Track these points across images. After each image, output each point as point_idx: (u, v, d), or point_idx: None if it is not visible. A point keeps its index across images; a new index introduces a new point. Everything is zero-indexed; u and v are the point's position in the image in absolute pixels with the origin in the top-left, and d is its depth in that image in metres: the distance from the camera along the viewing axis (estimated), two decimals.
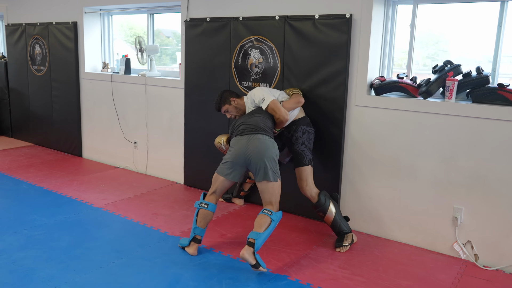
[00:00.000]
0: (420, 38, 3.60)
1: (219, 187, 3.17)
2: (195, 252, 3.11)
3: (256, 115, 3.28)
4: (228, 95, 3.48)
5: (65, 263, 2.95)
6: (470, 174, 3.15)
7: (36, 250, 3.13)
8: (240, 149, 3.09)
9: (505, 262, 3.07)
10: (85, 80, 5.54)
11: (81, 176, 4.94)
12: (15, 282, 2.71)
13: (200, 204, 3.13)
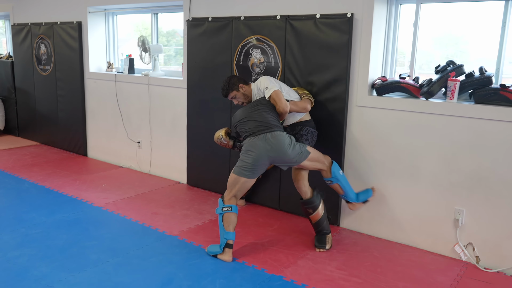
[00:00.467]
0: (440, 39, 3.54)
1: (240, 190, 3.12)
2: (231, 258, 3.04)
3: (262, 109, 3.20)
4: (236, 81, 3.40)
5: (59, 261, 2.96)
6: (471, 175, 3.09)
7: (32, 248, 3.14)
8: (261, 152, 3.05)
9: (507, 264, 3.01)
10: (90, 80, 5.57)
11: (84, 175, 4.96)
12: (7, 280, 2.72)
13: (223, 209, 3.06)
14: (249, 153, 3.08)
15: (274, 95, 3.20)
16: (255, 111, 3.21)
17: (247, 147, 3.11)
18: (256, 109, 3.22)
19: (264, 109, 3.21)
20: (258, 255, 3.13)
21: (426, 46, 3.58)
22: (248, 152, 3.09)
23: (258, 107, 3.24)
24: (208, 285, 2.72)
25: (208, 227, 3.60)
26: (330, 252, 3.24)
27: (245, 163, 3.08)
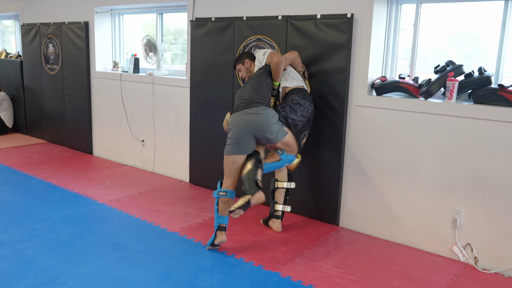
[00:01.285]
0: (456, 37, 3.55)
1: (231, 168, 3.15)
2: (225, 238, 3.13)
3: (251, 84, 3.30)
4: (245, 56, 3.56)
5: (64, 254, 3.03)
6: (470, 175, 3.10)
7: (38, 242, 3.22)
8: (241, 126, 3.13)
9: (505, 265, 3.02)
10: (96, 79, 5.65)
11: (89, 173, 5.04)
12: (15, 270, 2.80)
13: (218, 193, 3.11)
14: (230, 129, 3.21)
15: (271, 53, 3.35)
16: (245, 89, 3.32)
17: (230, 123, 3.24)
18: (246, 86, 3.34)
19: (253, 84, 3.29)
20: (256, 252, 3.17)
21: (442, 44, 3.56)
22: (230, 129, 3.22)
23: (249, 82, 3.35)
24: (205, 280, 2.76)
25: (208, 224, 3.65)
26: (327, 250, 3.27)
27: (228, 139, 3.20)
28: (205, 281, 2.75)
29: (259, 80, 3.32)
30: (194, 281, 2.74)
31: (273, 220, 3.57)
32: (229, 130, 3.24)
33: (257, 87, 3.29)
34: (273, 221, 3.57)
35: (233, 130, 3.18)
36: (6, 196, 4.16)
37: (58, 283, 2.67)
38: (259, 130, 3.14)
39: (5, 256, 2.98)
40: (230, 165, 3.15)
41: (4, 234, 3.33)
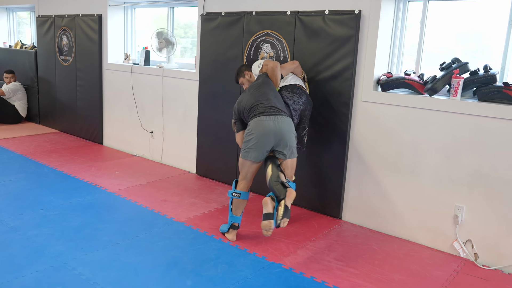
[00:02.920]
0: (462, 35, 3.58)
1: (248, 172, 3.19)
2: (235, 237, 3.25)
3: (268, 92, 3.26)
4: (244, 69, 3.66)
5: (74, 241, 3.13)
6: (472, 172, 3.14)
7: (49, 228, 3.32)
8: (268, 131, 3.07)
9: (504, 262, 3.05)
10: (108, 71, 5.75)
11: (99, 162, 5.15)
12: (27, 256, 2.90)
13: (233, 194, 3.20)
14: (253, 133, 3.12)
15: (265, 61, 3.49)
16: (264, 96, 3.23)
17: (252, 127, 3.15)
18: (264, 93, 3.25)
19: (271, 93, 3.28)
20: (260, 243, 3.25)
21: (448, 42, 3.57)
22: (253, 133, 3.13)
23: (265, 91, 3.27)
24: (210, 269, 2.85)
25: (214, 215, 3.73)
26: (330, 243, 3.33)
27: (249, 142, 3.14)
28: (210, 270, 2.83)
29: (273, 87, 3.36)
30: (199, 270, 2.82)
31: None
32: (251, 133, 3.13)
33: (277, 95, 3.32)
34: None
35: (258, 136, 3.09)
36: (19, 184, 4.28)
37: (67, 269, 2.77)
38: (282, 141, 3.12)
39: (17, 242, 3.09)
40: (248, 168, 3.19)
41: (17, 220, 3.44)
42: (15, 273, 2.67)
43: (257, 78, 3.47)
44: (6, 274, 2.66)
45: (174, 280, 2.70)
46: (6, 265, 2.77)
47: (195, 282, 2.69)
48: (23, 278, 2.63)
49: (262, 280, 2.75)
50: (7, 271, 2.70)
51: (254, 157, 3.14)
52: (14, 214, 3.55)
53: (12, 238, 3.15)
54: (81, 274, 2.71)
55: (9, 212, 3.58)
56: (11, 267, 2.74)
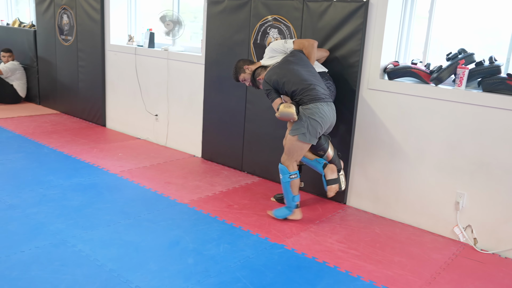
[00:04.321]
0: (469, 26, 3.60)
1: (301, 154, 3.31)
2: (301, 215, 3.41)
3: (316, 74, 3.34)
4: (241, 64, 3.60)
5: (74, 220, 3.15)
6: (474, 160, 3.18)
7: (49, 207, 3.34)
8: (328, 119, 3.23)
9: (502, 246, 3.12)
10: (110, 52, 5.72)
11: (102, 144, 5.15)
12: (25, 232, 2.93)
13: (290, 177, 3.27)
14: (318, 119, 3.17)
15: (297, 40, 3.45)
16: (313, 76, 3.28)
17: (313, 112, 3.16)
18: (312, 73, 3.31)
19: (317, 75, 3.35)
20: (263, 225, 3.29)
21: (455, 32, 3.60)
22: (316, 118, 3.17)
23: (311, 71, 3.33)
24: (212, 249, 2.88)
25: (218, 197, 3.76)
26: (333, 226, 3.37)
27: (313, 128, 3.18)
28: (212, 250, 2.86)
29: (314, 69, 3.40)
30: (200, 249, 2.86)
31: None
32: (314, 118, 3.16)
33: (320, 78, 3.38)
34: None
35: (323, 120, 3.19)
36: (18, 163, 4.28)
37: (67, 246, 2.79)
38: (331, 127, 3.35)
39: (16, 219, 3.10)
40: (302, 151, 3.28)
41: (15, 198, 3.44)
42: (13, 249, 2.70)
43: (295, 54, 3.39)
44: (4, 249, 2.69)
45: (175, 258, 2.74)
46: (4, 240, 2.80)
47: (196, 260, 2.73)
48: (21, 253, 2.66)
49: (264, 259, 2.80)
50: (5, 246, 2.72)
51: (313, 141, 3.25)
52: (12, 192, 3.56)
53: (10, 215, 3.16)
54: (81, 251, 2.74)
55: (7, 190, 3.59)
56: (9, 243, 2.77)
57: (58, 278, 2.41)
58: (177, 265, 2.65)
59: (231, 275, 2.58)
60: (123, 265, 2.59)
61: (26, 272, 2.45)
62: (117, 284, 2.40)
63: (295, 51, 3.43)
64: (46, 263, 2.57)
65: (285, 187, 3.31)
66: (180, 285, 2.44)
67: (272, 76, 3.31)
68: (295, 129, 3.22)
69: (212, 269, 2.62)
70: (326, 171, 3.36)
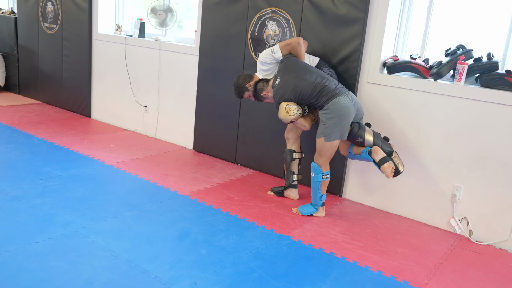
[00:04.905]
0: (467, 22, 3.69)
1: (333, 152, 3.33)
2: (325, 211, 3.48)
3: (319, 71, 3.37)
4: (242, 82, 3.57)
5: (81, 211, 3.10)
6: (471, 154, 3.29)
7: (53, 198, 3.27)
8: (351, 109, 3.23)
9: (497, 238, 3.25)
10: (98, 41, 5.60)
11: (91, 135, 5.05)
12: (35, 223, 2.86)
13: (322, 177, 3.32)
14: (337, 116, 3.19)
15: (281, 44, 3.43)
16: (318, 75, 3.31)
17: (333, 109, 3.19)
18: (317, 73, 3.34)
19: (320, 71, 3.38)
20: (266, 217, 3.31)
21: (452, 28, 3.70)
22: (334, 115, 3.19)
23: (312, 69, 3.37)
24: (222, 240, 2.89)
25: (217, 190, 3.76)
26: (333, 218, 3.44)
27: (337, 126, 3.20)
28: (222, 241, 2.87)
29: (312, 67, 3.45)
30: (211, 241, 2.87)
31: (291, 190, 3.73)
32: (333, 116, 3.19)
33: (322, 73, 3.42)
34: (291, 191, 3.73)
35: (344, 115, 3.19)
36: (11, 154, 4.16)
37: (79, 236, 2.75)
38: (359, 113, 3.35)
39: (23, 210, 3.03)
40: (332, 148, 3.28)
41: (17, 189, 3.36)
42: (27, 239, 2.64)
43: (287, 64, 3.39)
44: (18, 240, 2.63)
45: (188, 249, 2.74)
46: (16, 231, 2.73)
47: (208, 251, 2.73)
48: (36, 244, 2.61)
49: (273, 250, 2.83)
50: (19, 237, 2.66)
51: (341, 136, 3.25)
52: (13, 183, 3.46)
53: (16, 206, 3.08)
54: (95, 242, 2.70)
55: (8, 181, 3.49)
56: (21, 234, 2.71)
57: (78, 269, 2.38)
58: (191, 256, 2.65)
59: (245, 266, 2.60)
60: (138, 256, 2.57)
61: (44, 263, 2.41)
62: (136, 274, 2.38)
63: (285, 59, 3.42)
64: (62, 254, 2.52)
65: (315, 186, 3.34)
66: (198, 275, 2.44)
67: (285, 95, 3.30)
68: (320, 132, 3.26)
69: (226, 260, 2.64)
70: (373, 156, 3.29)
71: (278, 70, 3.45)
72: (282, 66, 3.42)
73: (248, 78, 3.62)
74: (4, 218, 2.88)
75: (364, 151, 3.38)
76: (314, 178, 3.34)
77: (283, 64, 3.42)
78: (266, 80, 3.54)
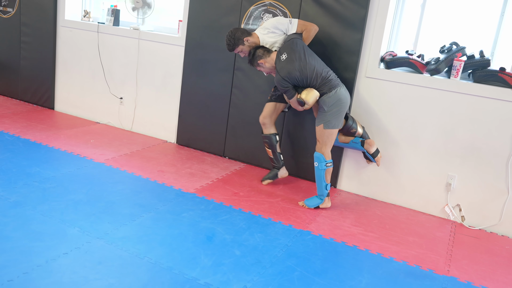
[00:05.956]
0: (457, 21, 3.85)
1: (334, 139, 3.43)
2: (330, 202, 3.57)
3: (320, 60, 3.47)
4: (240, 35, 3.48)
5: (95, 216, 2.92)
6: (466, 145, 3.53)
7: (58, 202, 3.04)
8: (347, 99, 3.43)
9: (487, 223, 3.54)
10: (64, 28, 5.20)
11: (64, 130, 4.72)
12: (54, 232, 2.64)
13: (326, 165, 3.39)
14: (339, 105, 3.35)
15: (301, 21, 3.48)
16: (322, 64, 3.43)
17: (335, 98, 3.33)
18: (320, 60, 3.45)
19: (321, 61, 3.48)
20: (279, 212, 3.33)
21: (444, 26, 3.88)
22: (337, 104, 3.34)
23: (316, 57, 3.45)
24: (249, 239, 2.87)
25: (219, 186, 3.71)
26: (339, 210, 3.54)
27: (336, 114, 3.35)
28: (249, 240, 2.86)
29: None
30: (239, 240, 2.84)
31: (283, 168, 3.89)
32: (336, 105, 3.33)
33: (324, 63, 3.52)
34: (283, 169, 3.89)
35: (344, 106, 3.39)
36: None
37: (107, 244, 2.56)
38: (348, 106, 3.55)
39: (33, 218, 2.78)
40: (332, 136, 3.40)
41: (14, 193, 3.07)
42: (54, 251, 2.43)
43: (298, 42, 3.40)
44: (44, 252, 2.42)
45: (221, 250, 2.69)
46: (38, 243, 2.51)
47: (242, 251, 2.71)
48: (65, 256, 2.41)
49: (301, 247, 2.87)
50: (43, 249, 2.45)
51: (338, 125, 3.41)
52: (6, 187, 3.16)
53: (23, 213, 2.82)
54: (126, 249, 2.56)
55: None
56: (44, 245, 2.49)
57: (123, 282, 2.24)
58: (228, 257, 2.60)
59: (283, 265, 2.61)
60: (177, 262, 2.48)
61: (84, 276, 2.24)
62: (185, 282, 2.30)
63: (294, 38, 3.44)
64: (98, 265, 2.36)
65: (320, 175, 3.39)
66: (245, 277, 2.41)
67: (293, 72, 3.31)
68: (320, 119, 3.34)
69: (263, 260, 2.63)
70: (367, 147, 3.62)
71: (285, 46, 3.41)
72: (290, 44, 3.40)
73: (246, 33, 3.52)
74: (18, 228, 2.63)
75: (356, 141, 3.64)
76: (318, 167, 3.41)
77: (292, 42, 3.40)
78: (268, 49, 3.50)
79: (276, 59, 3.41)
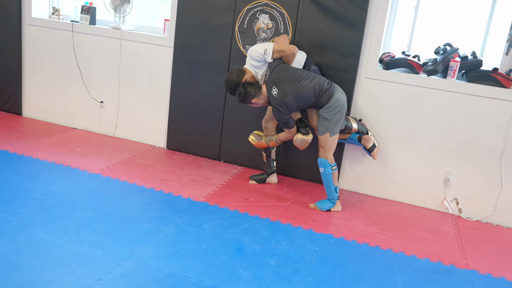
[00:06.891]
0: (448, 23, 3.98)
1: (336, 143, 3.48)
2: (341, 205, 3.59)
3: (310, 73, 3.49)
4: (236, 80, 3.47)
5: (113, 234, 2.74)
6: (462, 142, 3.70)
7: (69, 222, 2.82)
8: (345, 102, 3.46)
9: (483, 214, 3.74)
10: (31, 27, 4.81)
11: (42, 138, 4.38)
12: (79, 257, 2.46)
13: (332, 168, 3.41)
14: (338, 111, 3.40)
15: (276, 47, 3.46)
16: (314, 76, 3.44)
17: (333, 104, 3.37)
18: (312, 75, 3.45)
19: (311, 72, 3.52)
20: (294, 216, 3.32)
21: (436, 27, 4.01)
22: (336, 109, 3.38)
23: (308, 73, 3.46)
24: (277, 247, 2.84)
25: (226, 192, 3.63)
26: (349, 210, 3.59)
27: (338, 120, 3.41)
28: (278, 248, 2.82)
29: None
30: (269, 249, 2.79)
31: (273, 175, 3.94)
32: (335, 110, 3.37)
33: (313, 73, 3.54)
34: (273, 176, 3.95)
35: (343, 108, 3.44)
36: None
37: (140, 265, 2.44)
38: None
39: (48, 241, 2.56)
40: (335, 141, 3.46)
41: (17, 215, 2.80)
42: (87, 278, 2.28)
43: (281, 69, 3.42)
44: (77, 280, 2.25)
45: (256, 262, 2.64)
46: (64, 270, 2.32)
47: (276, 261, 2.67)
48: (100, 282, 2.26)
49: (330, 251, 2.88)
50: (74, 277, 2.27)
51: (340, 128, 3.49)
52: (4, 208, 2.90)
53: (35, 237, 2.59)
54: (162, 269, 2.44)
55: None
56: (73, 272, 2.32)
57: None
58: (266, 269, 2.55)
59: (320, 272, 2.60)
60: (218, 279, 2.39)
61: None
62: None
63: (276, 66, 3.44)
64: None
65: (327, 179, 3.40)
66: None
67: (291, 104, 3.36)
68: (324, 129, 3.40)
69: (300, 269, 2.60)
70: (363, 142, 3.70)
71: (272, 79, 3.42)
72: (275, 74, 3.42)
73: (241, 73, 3.53)
74: (34, 255, 2.42)
75: (353, 138, 3.73)
76: (325, 171, 3.44)
77: (276, 72, 3.43)
78: (257, 85, 3.49)
79: (268, 94, 3.42)
